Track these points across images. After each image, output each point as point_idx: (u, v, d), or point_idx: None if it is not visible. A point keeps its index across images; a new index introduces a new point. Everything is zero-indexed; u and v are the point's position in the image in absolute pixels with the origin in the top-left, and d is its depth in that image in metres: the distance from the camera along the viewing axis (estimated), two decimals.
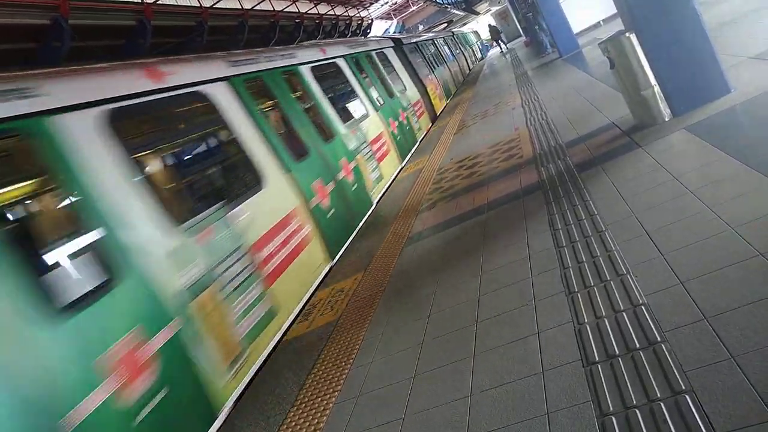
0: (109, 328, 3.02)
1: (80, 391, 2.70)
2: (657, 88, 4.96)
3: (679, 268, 2.73)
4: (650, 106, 5.02)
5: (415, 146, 11.42)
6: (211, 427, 3.46)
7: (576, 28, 15.54)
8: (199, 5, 9.77)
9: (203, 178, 5.08)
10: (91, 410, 2.70)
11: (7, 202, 3.37)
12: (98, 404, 2.75)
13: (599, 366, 2.36)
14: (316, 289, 5.22)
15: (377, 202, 7.74)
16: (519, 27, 33.59)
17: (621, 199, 3.85)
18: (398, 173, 9.39)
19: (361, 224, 6.85)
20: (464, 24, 51.81)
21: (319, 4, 15.37)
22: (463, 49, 32.51)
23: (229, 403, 3.67)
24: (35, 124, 3.28)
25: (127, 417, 2.89)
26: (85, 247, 3.32)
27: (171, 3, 9.34)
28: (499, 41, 34.46)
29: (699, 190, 3.38)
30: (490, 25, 34.31)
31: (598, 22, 17.33)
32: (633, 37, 4.92)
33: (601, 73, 8.93)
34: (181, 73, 4.85)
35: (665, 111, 4.99)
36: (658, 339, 2.33)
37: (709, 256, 2.69)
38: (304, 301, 4.98)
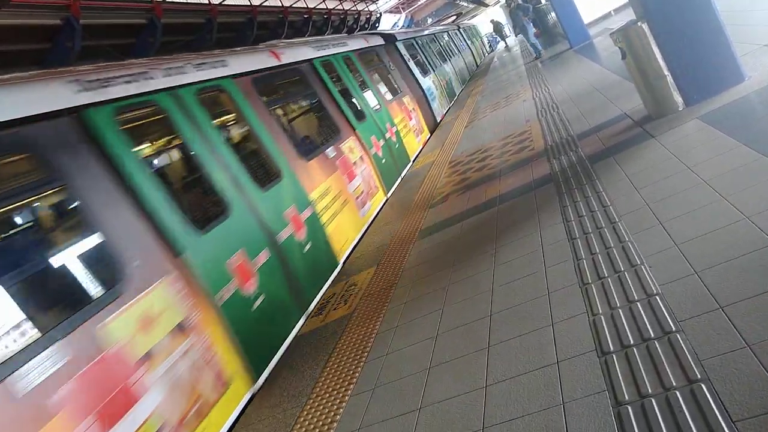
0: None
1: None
2: (669, 78, 4.92)
3: (694, 257, 2.72)
4: (663, 96, 4.98)
5: None
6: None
7: (587, 18, 15.39)
8: (207, 2, 9.81)
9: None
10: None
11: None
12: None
13: (614, 356, 2.37)
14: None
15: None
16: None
17: (634, 189, 3.83)
18: None
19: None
20: (473, 16, 51.47)
21: None
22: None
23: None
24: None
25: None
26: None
27: (180, 0, 9.37)
28: (503, 36, 34.15)
29: (713, 180, 3.36)
30: (493, 21, 33.88)
31: (610, 12, 17.16)
32: (645, 27, 4.89)
33: (612, 63, 8.86)
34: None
35: (678, 101, 4.95)
36: (673, 329, 2.33)
37: (723, 246, 2.68)
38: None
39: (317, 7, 14.44)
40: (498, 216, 4.79)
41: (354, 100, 8.71)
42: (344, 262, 5.83)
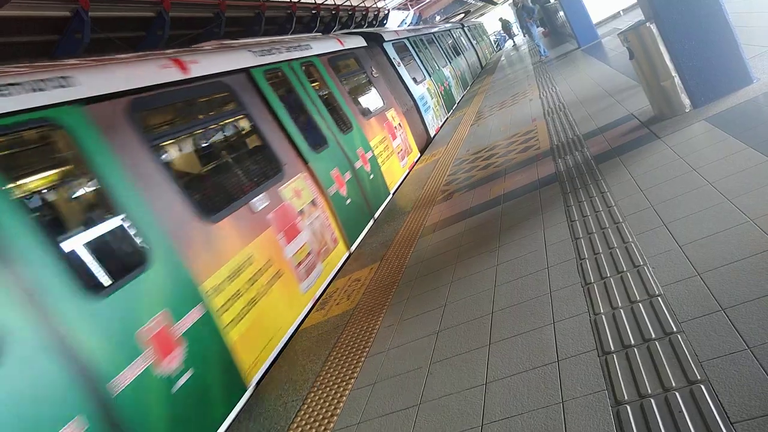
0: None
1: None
2: (677, 79, 4.90)
3: (697, 259, 2.72)
4: (670, 97, 4.97)
5: None
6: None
7: (595, 18, 15.34)
8: None
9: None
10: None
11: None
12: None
13: (614, 356, 2.37)
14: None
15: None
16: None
17: (639, 190, 3.83)
18: None
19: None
20: (482, 14, 51.27)
21: None
22: None
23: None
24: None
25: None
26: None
27: None
28: (511, 35, 34.16)
29: (718, 182, 3.35)
30: (501, 19, 33.92)
31: (618, 12, 17.10)
32: (653, 27, 4.87)
33: (620, 64, 8.83)
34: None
35: (685, 102, 4.94)
36: (674, 329, 2.33)
37: (727, 248, 2.68)
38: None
39: (325, 3, 14.43)
40: (502, 214, 4.79)
41: (312, 120, 6.64)
42: (259, 382, 3.94)
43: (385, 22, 21.70)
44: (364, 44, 10.19)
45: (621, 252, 3.18)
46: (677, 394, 2.01)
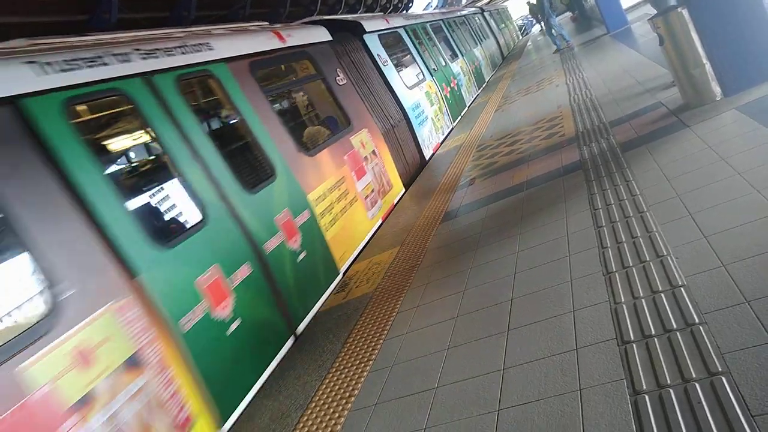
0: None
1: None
2: (708, 67, 4.78)
3: (722, 250, 2.68)
4: (700, 85, 4.85)
5: None
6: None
7: (626, 2, 14.99)
8: None
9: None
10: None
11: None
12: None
13: (634, 345, 2.36)
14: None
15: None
16: (561, 2, 32.41)
17: (665, 179, 3.77)
18: None
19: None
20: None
21: None
22: None
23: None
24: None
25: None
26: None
27: None
28: (539, 19, 33.50)
29: (747, 172, 3.28)
30: (528, 2, 33.21)
31: None
32: (685, 12, 4.75)
33: (650, 50, 8.63)
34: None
35: (716, 90, 4.82)
36: (696, 321, 2.31)
37: (754, 240, 2.63)
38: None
39: None
40: (524, 201, 4.76)
41: (177, 182, 4.23)
42: None
43: (410, 5, 21.46)
44: (328, 38, 7.28)
45: (644, 241, 3.14)
46: (697, 385, 2.00)
